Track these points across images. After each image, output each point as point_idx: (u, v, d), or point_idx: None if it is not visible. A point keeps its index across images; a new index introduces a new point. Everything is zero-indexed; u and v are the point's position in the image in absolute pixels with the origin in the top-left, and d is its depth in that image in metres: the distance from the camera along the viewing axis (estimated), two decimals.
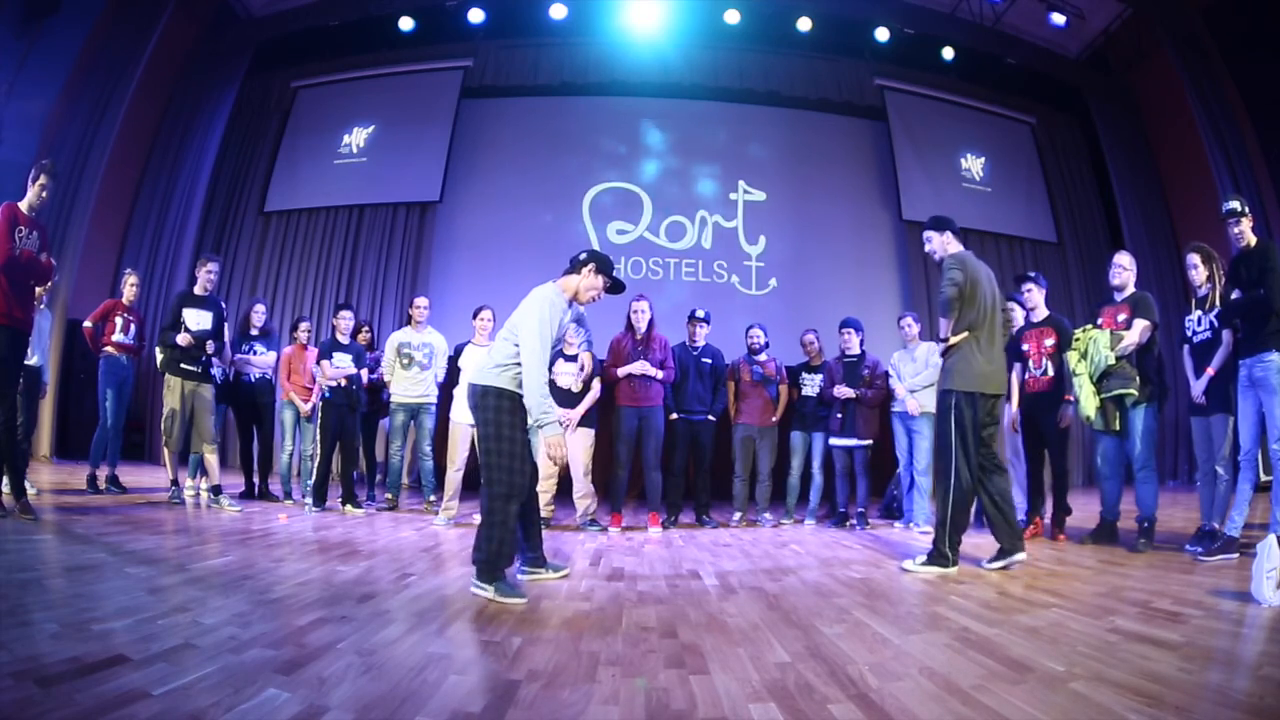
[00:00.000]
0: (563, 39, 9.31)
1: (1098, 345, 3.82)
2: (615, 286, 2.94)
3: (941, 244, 3.42)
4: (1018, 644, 1.99)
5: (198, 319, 4.69)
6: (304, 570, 2.82)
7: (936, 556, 3.18)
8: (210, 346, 4.70)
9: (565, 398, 4.71)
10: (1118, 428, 3.88)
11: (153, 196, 8.67)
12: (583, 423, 4.72)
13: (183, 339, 4.58)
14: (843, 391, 5.03)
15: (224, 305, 5.21)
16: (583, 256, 2.91)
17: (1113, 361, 3.77)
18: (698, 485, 5.27)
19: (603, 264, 2.89)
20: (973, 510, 3.43)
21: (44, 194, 3.60)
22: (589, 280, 2.86)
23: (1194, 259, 3.76)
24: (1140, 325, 3.80)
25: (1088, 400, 3.85)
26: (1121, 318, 3.89)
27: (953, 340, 3.26)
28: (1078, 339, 3.97)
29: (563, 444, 2.63)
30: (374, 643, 1.89)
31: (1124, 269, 4.03)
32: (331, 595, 2.41)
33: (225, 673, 1.58)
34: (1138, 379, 3.80)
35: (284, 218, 9.09)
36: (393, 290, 8.66)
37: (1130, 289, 4.01)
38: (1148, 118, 9.55)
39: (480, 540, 2.61)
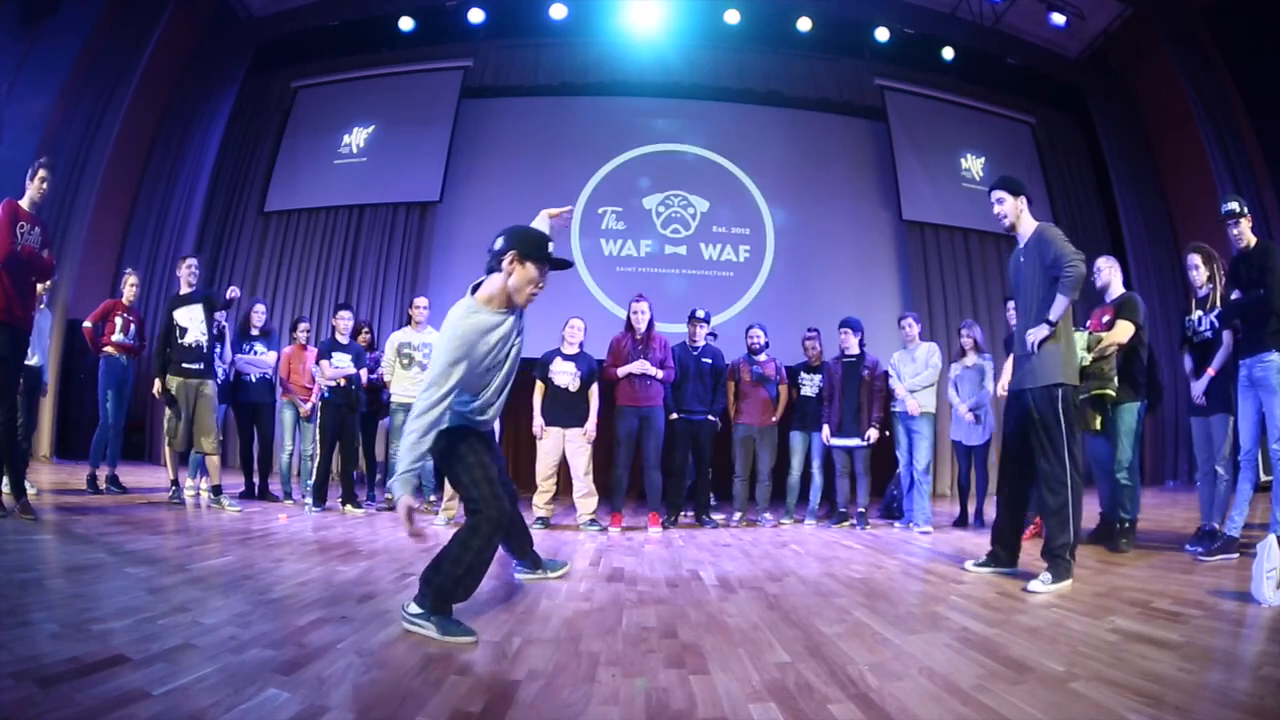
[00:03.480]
0: (563, 39, 9.31)
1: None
2: (557, 264, 2.25)
3: (1015, 209, 3.05)
4: (1018, 644, 1.99)
5: (189, 315, 4.69)
6: (304, 570, 2.82)
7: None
8: (222, 319, 4.72)
9: (563, 397, 4.72)
10: (1098, 428, 3.87)
11: (153, 196, 8.67)
12: (581, 422, 4.73)
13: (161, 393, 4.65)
14: (871, 436, 5.03)
15: (213, 294, 5.12)
16: (498, 245, 2.18)
17: (1088, 363, 3.75)
18: (698, 485, 5.28)
19: (527, 247, 2.17)
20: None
21: (44, 187, 3.59)
22: (518, 275, 2.16)
23: (1195, 259, 3.76)
24: (1123, 327, 3.77)
25: None
26: (1106, 319, 3.88)
27: (1058, 325, 2.91)
28: None
29: (410, 518, 2.00)
30: (374, 643, 1.89)
31: (1101, 270, 4.04)
32: (331, 595, 2.41)
33: (225, 673, 1.58)
34: (1116, 379, 3.77)
35: (284, 218, 9.08)
36: (393, 290, 8.67)
37: (1116, 289, 4.00)
38: (1148, 118, 9.54)
39: (444, 561, 2.07)
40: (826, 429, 5.16)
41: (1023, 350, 3.02)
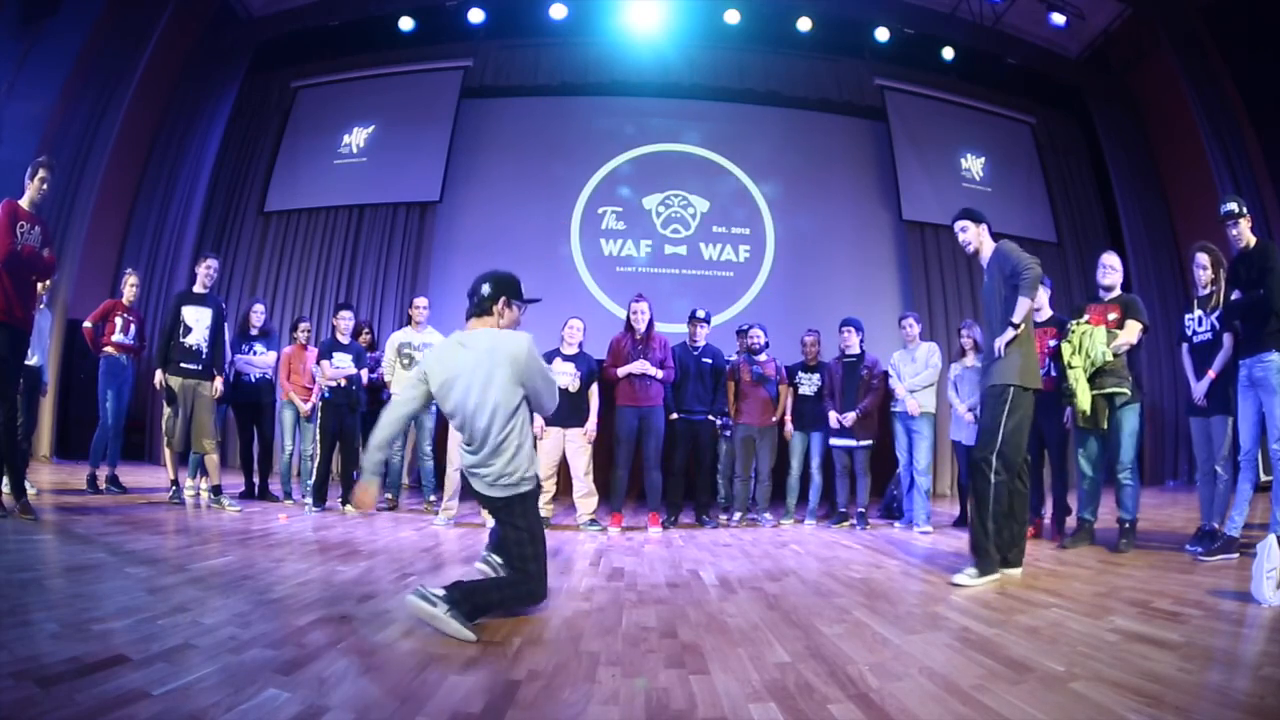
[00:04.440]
0: (563, 39, 9.30)
1: (1094, 341, 3.82)
2: (531, 301, 2.60)
3: (978, 236, 3.35)
4: (1018, 644, 1.99)
5: (197, 316, 4.69)
6: (304, 570, 2.82)
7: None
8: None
9: (563, 397, 4.70)
10: (1105, 425, 3.88)
11: (153, 196, 8.66)
12: (581, 422, 4.73)
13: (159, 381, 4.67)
14: (847, 418, 5.04)
15: (224, 303, 5.19)
16: (486, 290, 2.43)
17: (1110, 359, 3.78)
18: (698, 485, 5.28)
19: (514, 292, 2.48)
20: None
21: (44, 187, 3.59)
22: (509, 317, 2.47)
23: (1204, 259, 3.77)
24: (1134, 327, 3.81)
25: (1084, 395, 3.84)
26: (1112, 317, 3.89)
27: (1021, 329, 3.07)
28: (1072, 332, 3.96)
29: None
30: (374, 643, 1.90)
31: (1113, 269, 4.04)
32: (331, 595, 2.41)
33: (225, 673, 1.58)
34: (1130, 379, 3.82)
35: (284, 218, 9.08)
36: (393, 290, 8.66)
37: (1118, 289, 4.02)
38: (1148, 118, 9.54)
39: (492, 589, 2.24)
40: (834, 414, 5.14)
41: (990, 357, 3.18)
